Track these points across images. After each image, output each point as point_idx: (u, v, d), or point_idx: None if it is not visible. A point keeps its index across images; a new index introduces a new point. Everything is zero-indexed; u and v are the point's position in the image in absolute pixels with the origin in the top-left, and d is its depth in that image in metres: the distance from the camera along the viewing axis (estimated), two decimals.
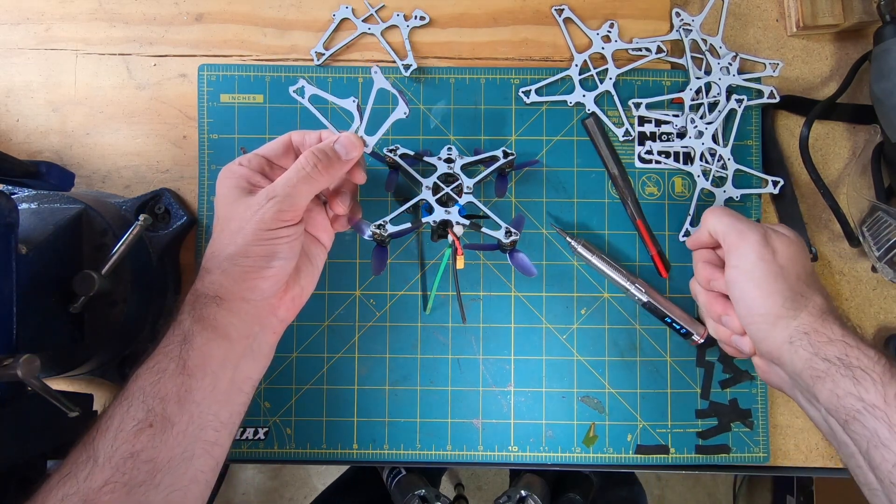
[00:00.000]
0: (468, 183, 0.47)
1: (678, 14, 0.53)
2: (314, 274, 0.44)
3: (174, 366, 0.35)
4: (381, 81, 0.44)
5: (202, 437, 0.35)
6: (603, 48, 0.53)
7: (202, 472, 0.36)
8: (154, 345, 0.37)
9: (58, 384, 0.51)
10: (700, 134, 0.52)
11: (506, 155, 0.48)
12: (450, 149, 0.48)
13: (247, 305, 0.39)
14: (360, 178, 0.44)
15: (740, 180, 0.52)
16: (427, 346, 0.52)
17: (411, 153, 0.49)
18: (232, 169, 0.41)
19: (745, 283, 0.41)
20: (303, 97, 0.43)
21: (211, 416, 0.36)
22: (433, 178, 0.47)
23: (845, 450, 0.37)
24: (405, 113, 0.44)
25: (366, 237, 0.47)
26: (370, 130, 0.44)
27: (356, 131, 0.43)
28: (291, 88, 0.43)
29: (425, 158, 0.48)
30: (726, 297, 0.44)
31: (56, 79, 0.53)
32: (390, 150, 0.48)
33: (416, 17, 0.53)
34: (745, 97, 0.52)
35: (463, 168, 0.48)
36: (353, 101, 0.43)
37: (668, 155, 0.52)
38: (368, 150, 0.44)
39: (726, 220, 0.43)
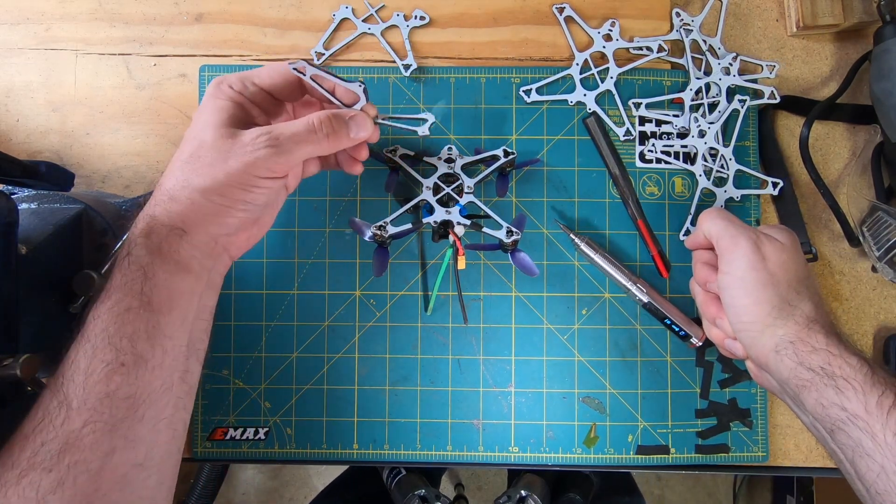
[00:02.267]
0: (469, 183, 0.47)
1: (678, 14, 0.53)
2: (273, 214, 0.42)
3: (137, 303, 0.33)
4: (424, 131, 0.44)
5: (177, 367, 0.35)
6: (604, 47, 0.53)
7: (181, 399, 0.35)
8: (107, 278, 0.35)
9: None
10: (703, 134, 0.52)
11: (506, 154, 0.48)
12: (450, 148, 0.48)
13: (208, 239, 0.37)
14: (363, 154, 0.43)
15: (740, 181, 0.52)
16: (427, 347, 0.52)
17: (411, 153, 0.49)
18: (224, 90, 0.38)
19: (735, 289, 0.41)
20: (304, 76, 0.40)
21: (182, 346, 0.35)
22: (434, 179, 0.47)
23: (836, 457, 0.37)
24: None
25: (366, 238, 0.47)
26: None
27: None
28: (290, 63, 0.40)
29: (425, 158, 0.48)
30: None
31: (56, 79, 0.53)
32: (390, 151, 0.48)
33: (416, 17, 0.53)
34: (747, 97, 0.52)
35: (463, 168, 0.48)
36: (360, 85, 0.41)
37: (669, 154, 0.52)
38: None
39: (720, 223, 0.43)
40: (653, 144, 0.52)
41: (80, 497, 0.29)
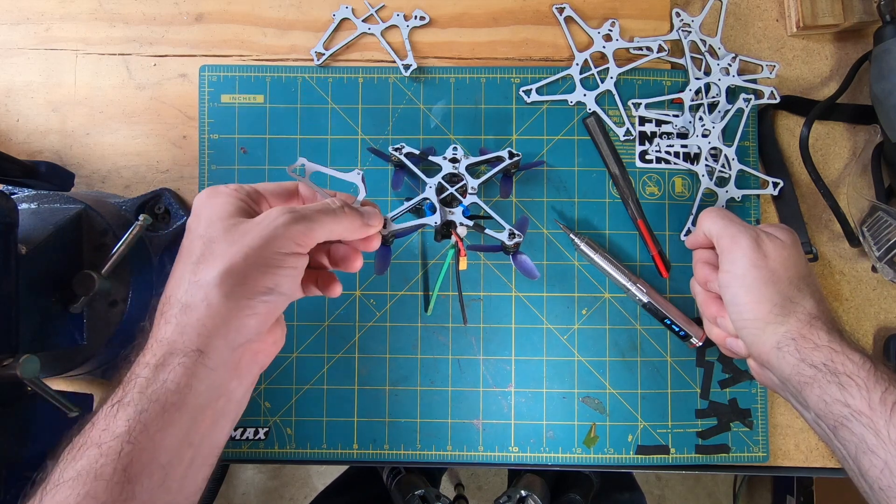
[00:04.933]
0: (472, 183, 0.47)
1: (678, 14, 0.53)
2: (284, 327, 0.37)
3: (111, 470, 0.27)
4: (431, 195, 0.43)
5: None
6: (604, 47, 0.53)
7: None
8: (87, 419, 0.29)
9: (58, 384, 0.51)
10: (706, 133, 0.52)
11: (511, 156, 0.48)
12: (455, 148, 0.48)
13: (229, 354, 0.31)
14: (375, 245, 0.38)
15: (740, 181, 0.52)
16: (427, 347, 0.52)
17: (416, 152, 0.49)
18: (220, 189, 0.34)
19: (736, 287, 0.41)
20: (303, 176, 0.37)
21: None
22: (438, 178, 0.47)
23: (839, 453, 0.37)
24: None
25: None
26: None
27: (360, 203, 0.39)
28: (289, 168, 0.36)
29: (430, 158, 0.48)
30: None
31: (56, 79, 0.53)
32: (395, 149, 0.48)
33: (416, 17, 0.53)
34: (752, 97, 0.52)
35: (467, 168, 0.48)
36: (358, 174, 0.39)
37: (672, 154, 0.52)
38: (385, 232, 0.40)
39: (720, 222, 0.43)
40: (657, 144, 0.52)
41: None
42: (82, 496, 0.26)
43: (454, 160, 0.48)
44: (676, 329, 0.50)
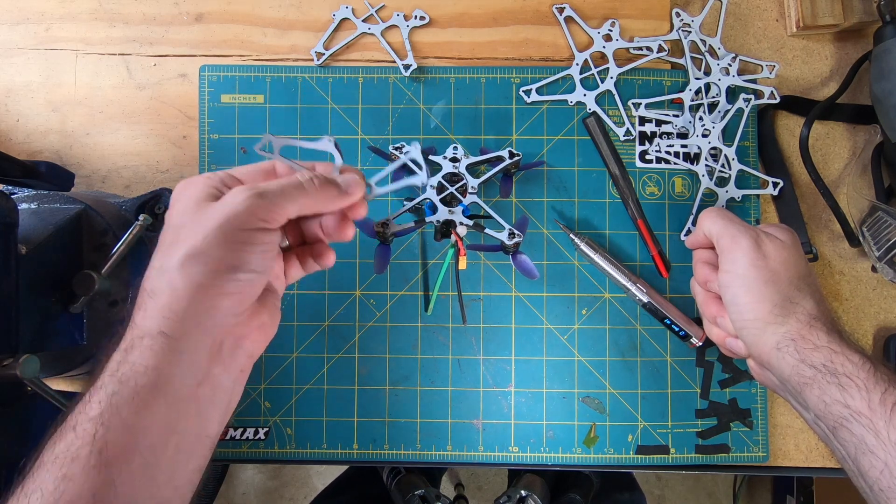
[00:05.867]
0: (473, 183, 0.47)
1: (678, 14, 0.53)
2: (276, 314, 0.36)
3: (86, 452, 0.26)
4: (416, 154, 0.40)
5: None
6: (604, 47, 0.53)
7: None
8: (69, 407, 0.29)
9: (58, 384, 0.51)
10: (706, 133, 0.52)
11: (511, 156, 0.48)
12: (455, 148, 0.48)
13: (202, 337, 0.30)
14: (362, 213, 0.36)
15: (740, 180, 0.52)
16: (427, 347, 0.52)
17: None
18: (194, 180, 0.33)
19: (736, 287, 0.41)
20: (271, 152, 0.36)
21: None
22: (438, 178, 0.47)
23: (838, 454, 0.37)
24: (422, 182, 0.40)
25: (369, 234, 0.47)
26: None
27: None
28: (256, 147, 0.35)
29: (431, 157, 0.48)
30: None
31: (56, 79, 0.53)
32: (396, 149, 0.48)
33: (416, 17, 0.53)
34: (752, 97, 0.52)
35: (467, 168, 0.48)
36: (330, 141, 0.37)
37: (672, 154, 0.52)
38: (370, 197, 0.37)
39: (720, 222, 0.43)
40: (657, 144, 0.52)
41: None
42: (59, 478, 0.26)
43: (454, 160, 0.48)
44: (676, 329, 0.50)
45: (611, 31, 0.53)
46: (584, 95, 0.52)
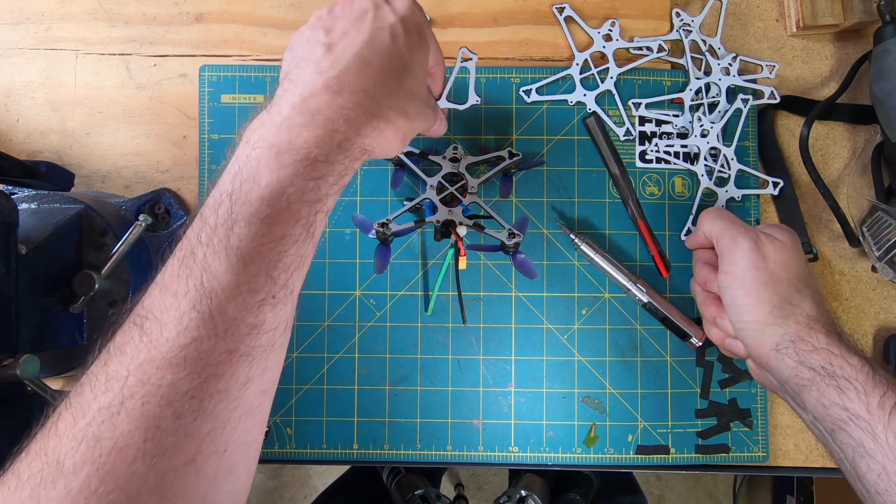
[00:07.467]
0: (473, 183, 0.47)
1: (678, 14, 0.53)
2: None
3: (301, 231, 0.30)
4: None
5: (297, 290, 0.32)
6: (604, 47, 0.53)
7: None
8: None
9: (58, 384, 0.51)
10: (705, 133, 0.52)
11: (511, 155, 0.48)
12: (455, 147, 0.48)
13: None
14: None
15: (740, 180, 0.52)
16: (427, 347, 0.52)
17: (416, 151, 0.49)
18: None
19: (735, 289, 0.41)
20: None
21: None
22: (438, 178, 0.47)
23: (836, 456, 0.37)
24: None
25: (370, 235, 0.47)
26: None
27: None
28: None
29: (430, 157, 0.48)
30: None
31: (56, 79, 0.53)
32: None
33: None
34: (750, 97, 0.52)
35: (467, 167, 0.48)
36: None
37: (671, 154, 0.52)
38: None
39: (720, 223, 0.43)
40: (656, 144, 0.52)
41: (216, 422, 0.28)
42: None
43: (454, 159, 0.48)
44: (676, 329, 0.50)
45: (611, 31, 0.53)
46: (584, 95, 0.52)
